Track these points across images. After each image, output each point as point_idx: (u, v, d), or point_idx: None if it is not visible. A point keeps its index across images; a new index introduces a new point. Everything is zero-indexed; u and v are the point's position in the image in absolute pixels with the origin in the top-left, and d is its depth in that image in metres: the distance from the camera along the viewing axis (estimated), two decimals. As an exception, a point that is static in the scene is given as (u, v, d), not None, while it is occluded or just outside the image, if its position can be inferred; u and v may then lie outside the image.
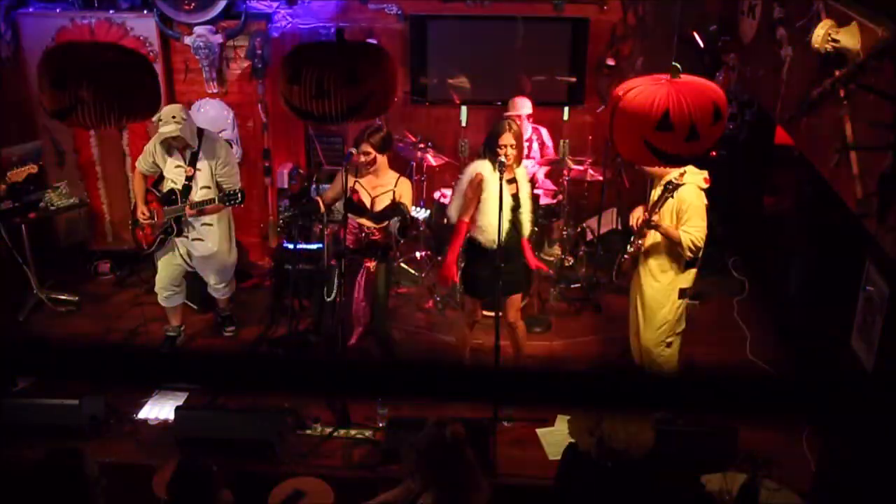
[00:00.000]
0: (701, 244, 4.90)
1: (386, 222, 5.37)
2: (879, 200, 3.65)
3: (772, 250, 6.88)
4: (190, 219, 5.69)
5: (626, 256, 5.20)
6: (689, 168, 4.91)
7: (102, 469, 3.50)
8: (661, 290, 5.09)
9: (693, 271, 5.09)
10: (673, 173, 4.84)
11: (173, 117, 5.37)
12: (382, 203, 5.36)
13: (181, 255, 5.85)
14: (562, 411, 4.93)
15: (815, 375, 0.97)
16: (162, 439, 5.06)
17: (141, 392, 5.43)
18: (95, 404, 5.18)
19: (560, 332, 6.41)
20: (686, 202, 4.86)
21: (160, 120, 5.39)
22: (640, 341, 5.27)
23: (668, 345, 5.19)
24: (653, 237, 5.04)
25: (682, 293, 5.12)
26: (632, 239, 5.18)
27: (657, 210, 4.87)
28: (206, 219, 5.71)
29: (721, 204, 7.13)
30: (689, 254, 4.92)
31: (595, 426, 3.41)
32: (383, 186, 5.38)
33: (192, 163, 5.60)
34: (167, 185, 5.68)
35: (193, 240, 5.77)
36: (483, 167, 5.15)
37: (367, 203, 5.36)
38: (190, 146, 5.55)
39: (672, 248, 4.96)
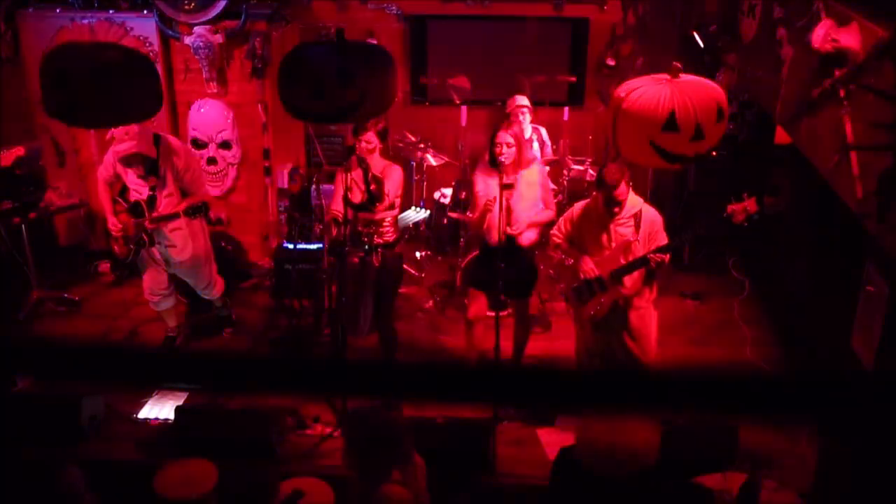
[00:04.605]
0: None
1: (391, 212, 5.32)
2: (879, 200, 3.65)
3: (772, 250, 6.88)
4: (158, 228, 5.58)
5: (597, 307, 5.03)
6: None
7: (103, 469, 3.49)
8: (647, 314, 5.01)
9: (655, 282, 5.04)
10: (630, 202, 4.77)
11: (126, 133, 5.28)
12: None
13: (160, 262, 5.77)
14: (561, 411, 4.94)
15: (815, 375, 0.97)
16: (162, 439, 5.06)
17: (141, 392, 5.44)
18: (95, 404, 5.18)
19: (560, 332, 6.40)
20: (656, 223, 4.82)
21: (113, 138, 5.35)
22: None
23: None
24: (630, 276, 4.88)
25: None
26: (600, 288, 4.96)
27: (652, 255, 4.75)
28: (174, 224, 5.60)
29: (721, 204, 7.13)
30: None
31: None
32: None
33: (153, 172, 5.46)
34: (133, 196, 5.55)
35: (167, 247, 5.68)
36: (482, 166, 5.28)
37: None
38: (148, 156, 5.43)
39: (643, 275, 4.88)
